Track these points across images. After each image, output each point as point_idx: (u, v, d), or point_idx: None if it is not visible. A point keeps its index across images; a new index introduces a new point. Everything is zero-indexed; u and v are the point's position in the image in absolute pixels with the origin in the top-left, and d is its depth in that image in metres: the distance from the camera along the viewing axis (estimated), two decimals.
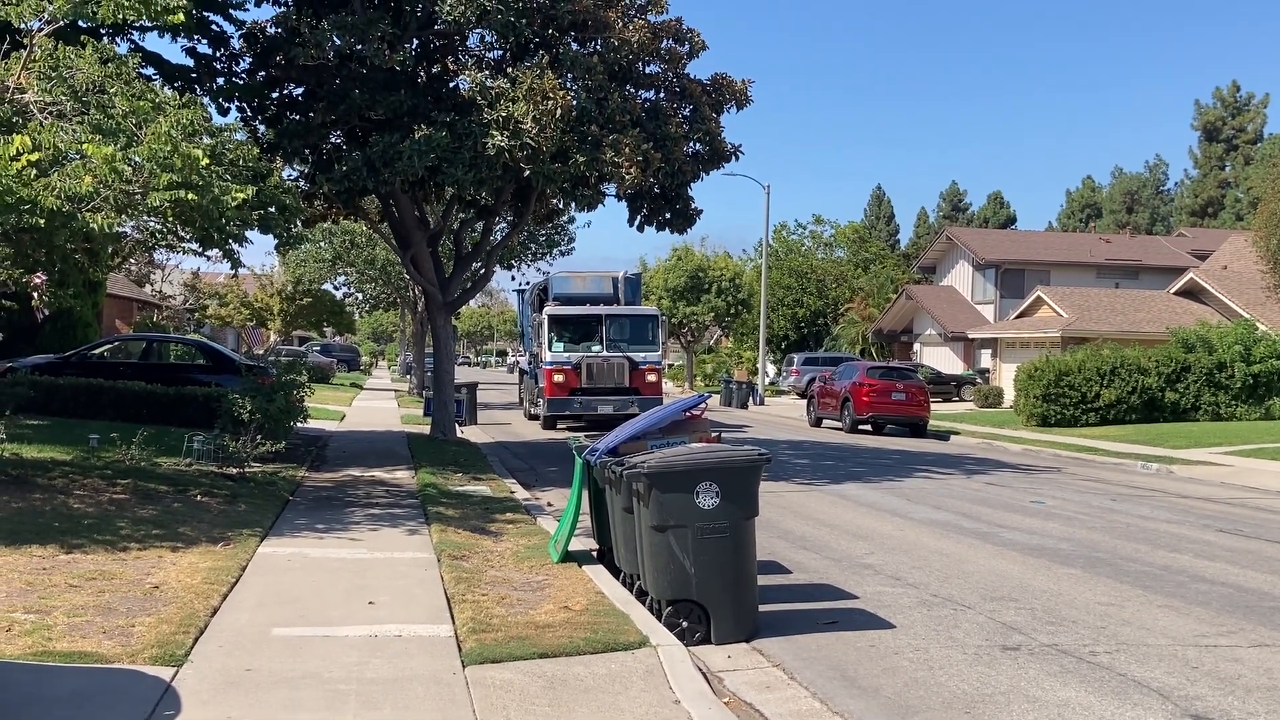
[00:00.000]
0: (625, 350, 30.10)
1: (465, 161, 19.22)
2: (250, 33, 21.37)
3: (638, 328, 30.96)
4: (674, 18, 21.96)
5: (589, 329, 30.55)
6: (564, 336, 30.23)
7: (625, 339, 30.48)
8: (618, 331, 30.59)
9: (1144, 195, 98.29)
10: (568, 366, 29.65)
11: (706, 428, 10.95)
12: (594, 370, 29.72)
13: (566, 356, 29.73)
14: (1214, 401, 35.64)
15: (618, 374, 29.85)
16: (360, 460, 19.98)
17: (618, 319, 30.92)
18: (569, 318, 30.60)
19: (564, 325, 30.43)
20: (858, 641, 8.82)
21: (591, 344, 30.16)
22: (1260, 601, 10.47)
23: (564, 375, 29.62)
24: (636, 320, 31.32)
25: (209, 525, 11.98)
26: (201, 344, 28.35)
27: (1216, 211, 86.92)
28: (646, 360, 30.18)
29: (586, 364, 29.65)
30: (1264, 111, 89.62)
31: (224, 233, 13.76)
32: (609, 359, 29.86)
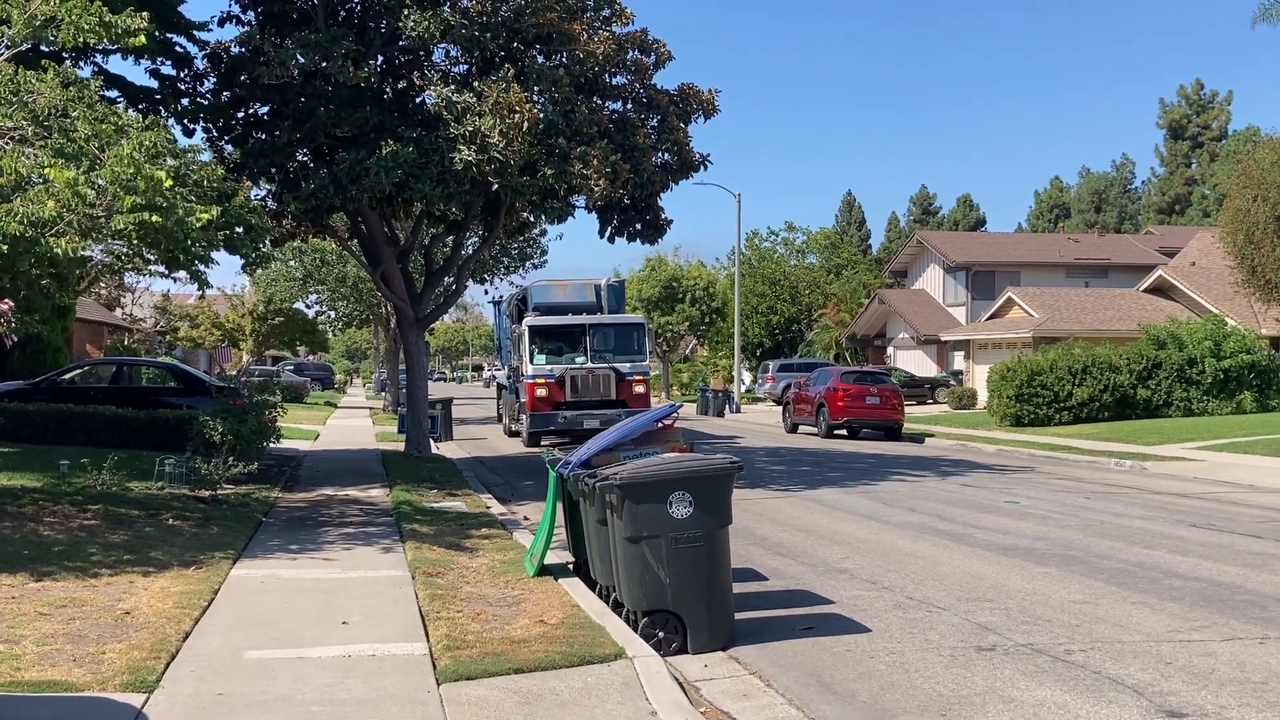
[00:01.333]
0: (611, 361, 28.76)
1: (433, 177, 19.20)
2: (214, 53, 21.31)
3: (623, 337, 29.54)
4: (639, 29, 22.06)
5: (572, 339, 29.12)
6: (546, 348, 28.82)
7: (610, 349, 29.08)
8: (602, 341, 29.18)
9: (1112, 194, 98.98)
10: (550, 379, 28.20)
11: (679, 437, 10.93)
12: (578, 383, 28.29)
13: (549, 369, 28.34)
14: (1185, 397, 35.86)
15: (604, 386, 28.42)
16: (334, 479, 19.88)
17: (602, 328, 29.43)
18: (550, 328, 29.11)
19: (546, 336, 28.98)
20: (834, 646, 8.82)
21: (575, 355, 28.78)
22: (1233, 595, 10.52)
23: (547, 389, 28.20)
24: (622, 329, 29.90)
25: (181, 549, 11.89)
26: (172, 366, 28.18)
27: (1184, 209, 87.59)
28: (633, 371, 28.91)
29: (570, 376, 28.21)
30: (1228, 109, 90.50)
31: (190, 254, 13.67)
32: (594, 371, 28.46)
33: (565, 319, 29.43)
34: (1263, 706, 7.17)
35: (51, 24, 12.45)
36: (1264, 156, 38.06)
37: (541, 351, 28.74)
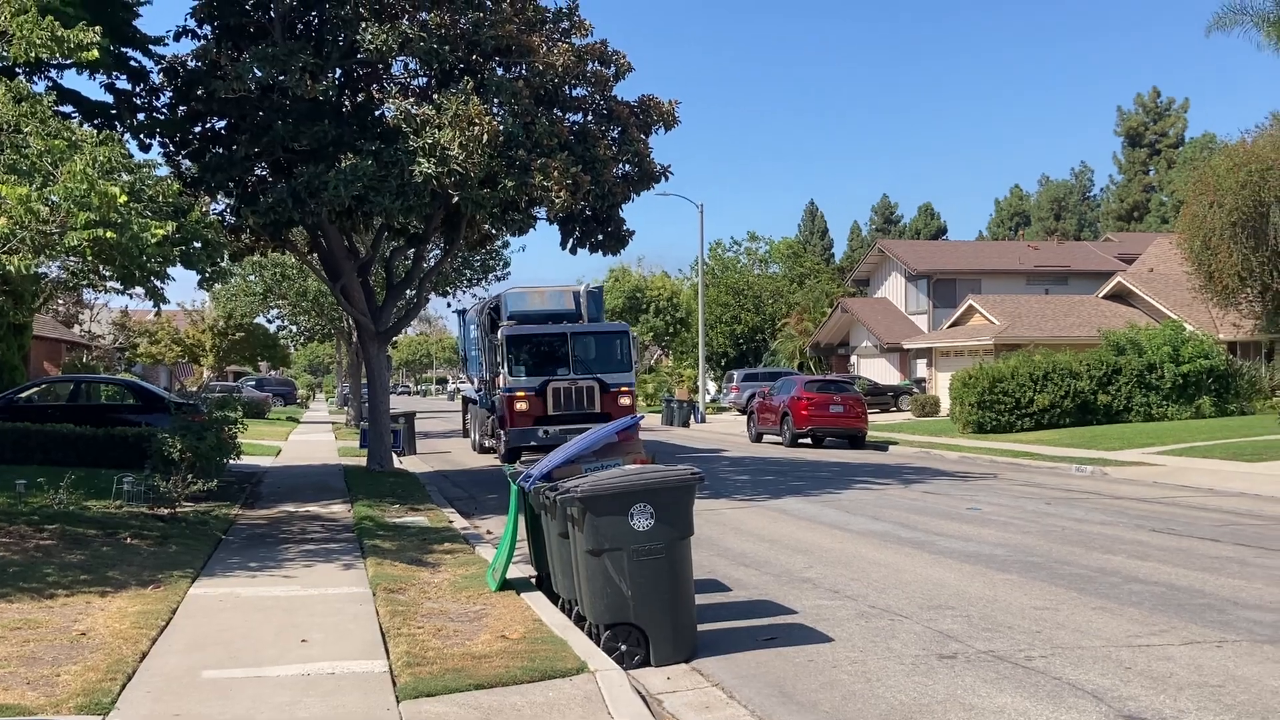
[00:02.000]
0: (594, 372, 27.09)
1: (392, 190, 19.14)
2: (170, 67, 21.19)
3: (607, 346, 27.90)
4: (598, 40, 22.10)
5: (553, 350, 27.38)
6: (524, 359, 27.11)
7: (593, 359, 27.43)
8: (585, 351, 27.52)
9: (1071, 202, 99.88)
10: (530, 392, 26.51)
11: (640, 449, 10.91)
12: (561, 395, 26.62)
13: (529, 381, 26.69)
14: (1145, 402, 36.20)
15: (587, 399, 26.71)
16: (295, 495, 19.74)
17: (584, 337, 27.78)
18: (530, 337, 27.38)
19: (524, 346, 27.25)
20: (796, 657, 8.82)
21: (557, 366, 27.10)
22: (1191, 599, 10.60)
23: (527, 402, 26.45)
24: (605, 338, 28.27)
25: (139, 568, 11.77)
26: (131, 383, 27.95)
27: (1142, 215, 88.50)
28: (618, 382, 27.14)
29: (552, 389, 26.56)
30: (1184, 116, 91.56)
31: (145, 270, 13.56)
32: (576, 382, 26.77)
33: (545, 328, 27.81)
34: (1220, 710, 7.22)
35: (2, 38, 12.33)
36: (1220, 163, 38.49)
37: (520, 363, 27.14)
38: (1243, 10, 44.68)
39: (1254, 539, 14.35)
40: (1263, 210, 35.99)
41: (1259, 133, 39.69)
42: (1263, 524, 15.80)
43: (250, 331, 55.08)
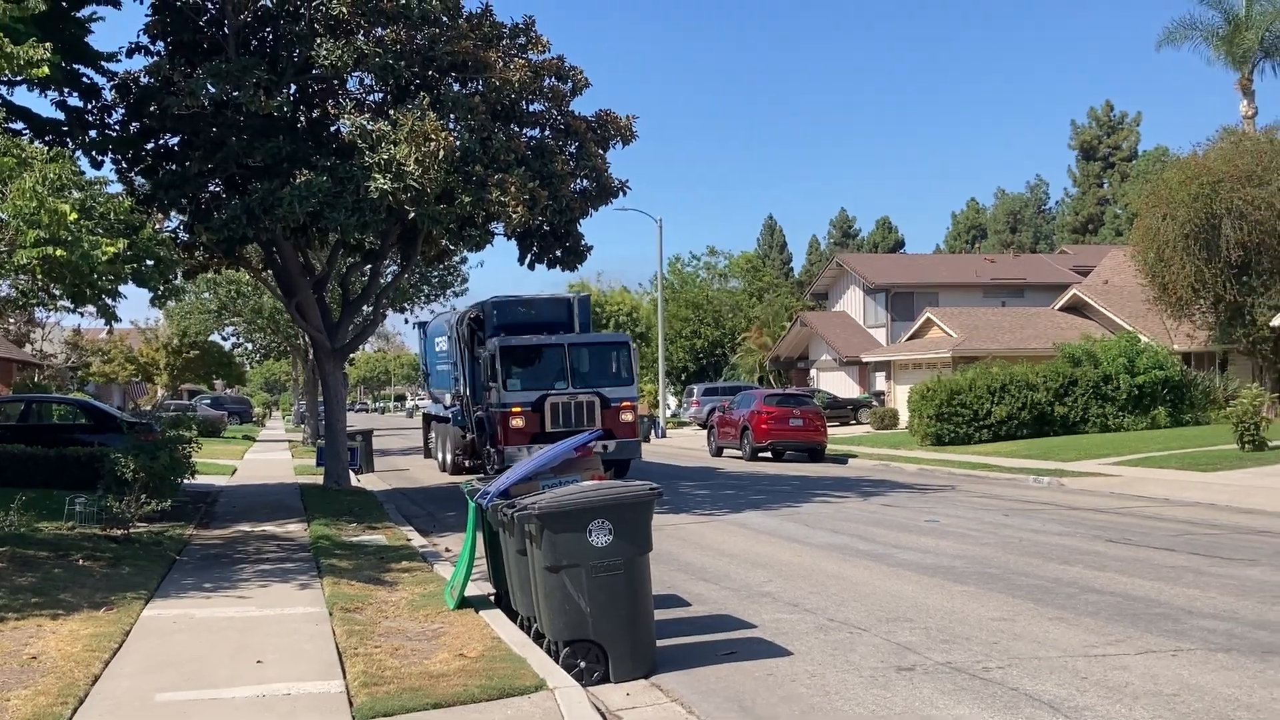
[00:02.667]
0: (594, 385, 25.51)
1: (348, 206, 19.07)
2: (123, 83, 21.04)
3: (607, 358, 26.39)
4: (555, 56, 22.12)
5: (549, 362, 25.68)
6: (519, 372, 25.40)
7: (593, 372, 25.87)
8: (583, 363, 25.96)
9: (1026, 215, 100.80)
10: (527, 408, 24.78)
11: (598, 464, 10.93)
12: (559, 411, 24.91)
13: (525, 396, 24.95)
14: (1102, 413, 36.53)
15: (588, 414, 25.03)
16: (251, 515, 19.57)
17: (583, 348, 26.24)
18: (527, 349, 25.68)
19: (521, 359, 25.58)
20: (755, 671, 8.84)
21: (554, 380, 25.39)
22: (1147, 609, 10.71)
23: (523, 418, 24.67)
24: (605, 349, 26.81)
25: (91, 590, 11.63)
26: (83, 403, 27.66)
27: (1097, 228, 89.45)
28: (621, 397, 25.70)
29: (550, 404, 24.87)
30: (1137, 130, 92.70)
31: (96, 288, 13.47)
32: (576, 397, 25.11)
33: (541, 339, 26.10)
34: (1175, 718, 7.30)
35: None
36: (1172, 176, 39.05)
37: (514, 376, 25.36)
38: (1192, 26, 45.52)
39: (1209, 548, 14.50)
40: (1214, 222, 36.54)
41: (1210, 146, 40.31)
42: (1217, 533, 15.98)
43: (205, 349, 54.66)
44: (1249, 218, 36.05)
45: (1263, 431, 26.12)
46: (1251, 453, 25.49)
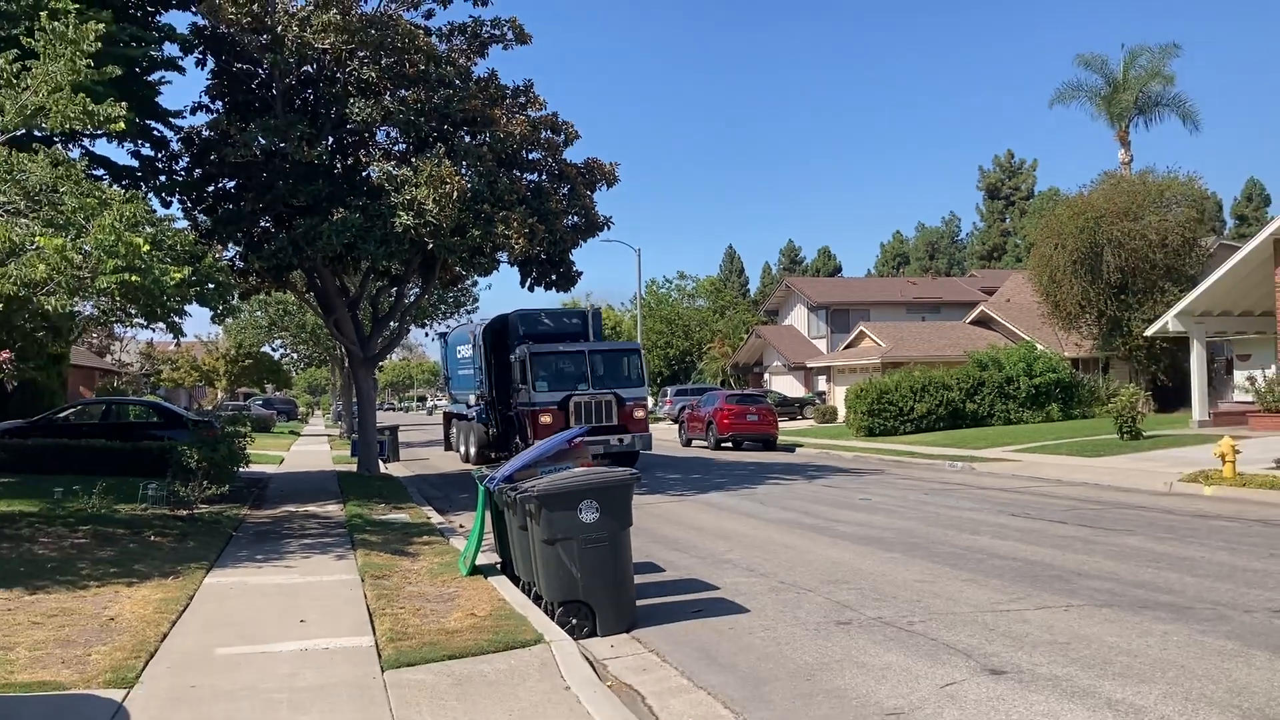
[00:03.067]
0: (611, 387, 24.86)
1: (377, 238, 19.01)
2: (187, 136, 20.92)
3: (621, 363, 25.69)
4: (550, 113, 22.07)
5: (571, 366, 25.06)
6: (546, 376, 24.67)
7: (609, 375, 25.20)
8: (601, 368, 25.27)
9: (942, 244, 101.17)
10: (553, 407, 24.16)
11: (587, 454, 10.87)
12: (582, 409, 24.28)
13: (552, 396, 24.31)
14: (1005, 409, 36.66)
15: (606, 412, 24.51)
16: (296, 497, 19.44)
17: (602, 354, 25.51)
18: (553, 355, 25.00)
19: (548, 364, 24.82)
20: (719, 625, 8.81)
21: (577, 382, 24.75)
22: (1043, 571, 10.72)
23: (550, 416, 24.01)
24: (620, 356, 26.00)
25: (161, 561, 11.52)
26: (155, 404, 27.44)
27: (1000, 255, 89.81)
28: (634, 397, 25.11)
29: (574, 403, 24.23)
30: (1034, 174, 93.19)
31: (165, 308, 13.29)
32: (597, 397, 24.49)
33: (566, 346, 25.46)
34: (1066, 663, 7.31)
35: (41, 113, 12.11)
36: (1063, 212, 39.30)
37: (542, 379, 24.62)
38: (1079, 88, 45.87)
39: (1094, 520, 14.55)
40: (1097, 250, 36.80)
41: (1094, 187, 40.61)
42: (1101, 508, 16.03)
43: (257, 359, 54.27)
44: (1126, 246, 36.33)
45: (1138, 424, 26.23)
46: (1129, 441, 25.60)
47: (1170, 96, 44.31)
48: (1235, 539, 12.53)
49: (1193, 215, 37.98)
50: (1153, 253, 36.47)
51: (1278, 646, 7.51)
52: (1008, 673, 7.10)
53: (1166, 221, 36.86)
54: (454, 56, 21.13)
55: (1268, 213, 74.90)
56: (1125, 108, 44.30)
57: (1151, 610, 8.79)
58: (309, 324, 46.47)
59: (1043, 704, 6.41)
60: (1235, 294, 29.98)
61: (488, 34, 21.79)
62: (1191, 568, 10.68)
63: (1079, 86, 45.50)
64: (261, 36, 19.38)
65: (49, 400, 28.62)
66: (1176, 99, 44.36)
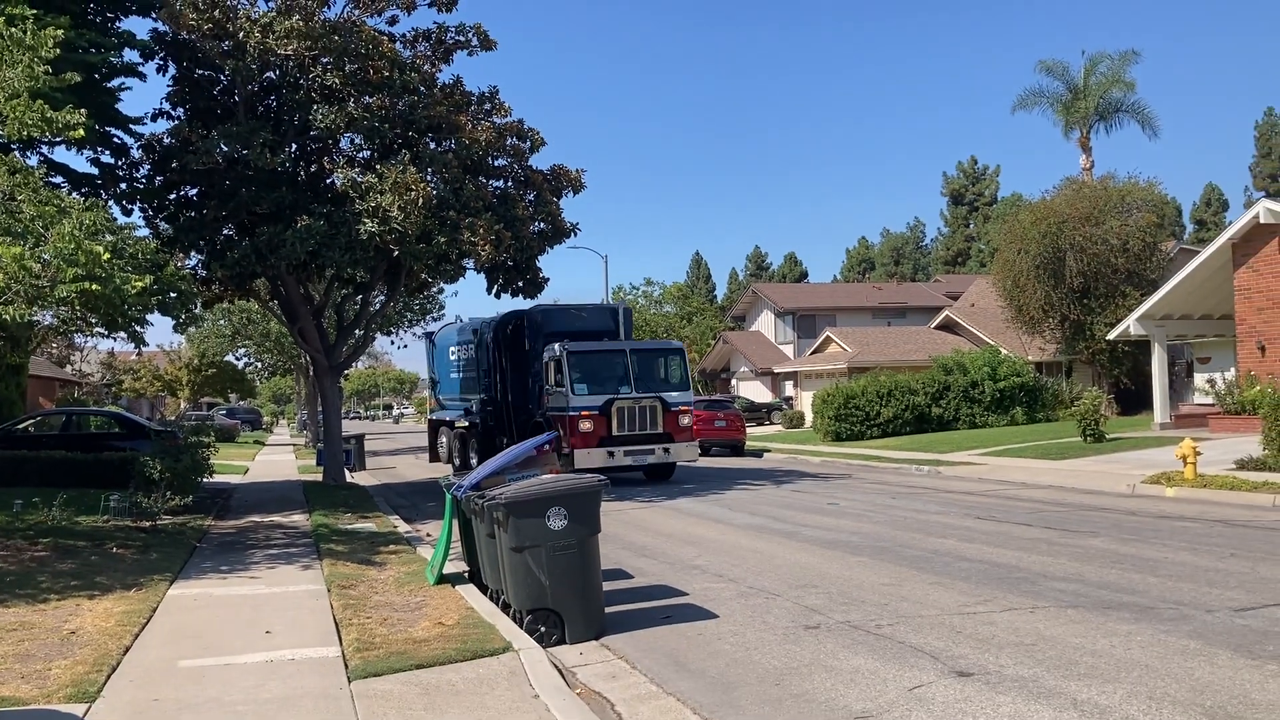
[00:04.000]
0: (654, 390, 22.70)
1: (342, 246, 18.90)
2: (148, 143, 20.71)
3: (665, 364, 23.50)
4: (516, 119, 22.07)
5: (611, 368, 22.83)
6: (583, 377, 22.40)
7: (651, 377, 22.95)
8: (644, 369, 22.95)
9: (907, 250, 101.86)
10: (594, 412, 21.99)
11: (555, 461, 10.86)
12: (625, 415, 22.20)
13: (592, 400, 22.12)
14: (970, 413, 36.94)
15: (650, 419, 22.44)
16: (261, 507, 19.26)
17: (643, 354, 23.30)
18: (591, 354, 22.78)
19: (587, 364, 22.58)
20: (688, 632, 8.81)
21: (618, 385, 22.58)
22: (1009, 574, 10.80)
23: (591, 422, 21.86)
24: (663, 356, 23.73)
25: (123, 573, 11.38)
26: (116, 414, 27.11)
27: (964, 260, 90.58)
28: (680, 402, 23.01)
29: (617, 408, 22.11)
30: (997, 180, 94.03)
31: (127, 317, 13.17)
32: (640, 401, 22.35)
33: (606, 345, 23.36)
34: (1033, 664, 7.36)
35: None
36: (1025, 218, 39.68)
37: (581, 381, 22.34)
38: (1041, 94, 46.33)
39: (1059, 523, 14.68)
40: (1060, 255, 37.19)
41: (1056, 192, 41.00)
42: (1066, 510, 16.19)
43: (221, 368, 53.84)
44: (1088, 251, 36.75)
45: (1101, 427, 26.52)
46: (1092, 444, 25.88)
47: (1130, 103, 44.87)
48: (1197, 540, 12.69)
49: (1153, 220, 38.48)
50: (1114, 257, 36.90)
51: (1239, 645, 7.62)
52: (975, 674, 7.15)
53: (1127, 226, 37.32)
54: (418, 63, 21.07)
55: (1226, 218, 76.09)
56: (1086, 114, 44.82)
57: (1116, 611, 8.88)
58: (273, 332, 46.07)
59: (1009, 705, 6.46)
60: (1195, 298, 30.42)
61: (452, 40, 21.75)
62: (1154, 568, 10.80)
63: (1041, 93, 46.00)
64: (223, 43, 19.24)
65: (8, 411, 28.18)
66: (1136, 105, 44.93)
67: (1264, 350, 27.28)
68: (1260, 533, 13.14)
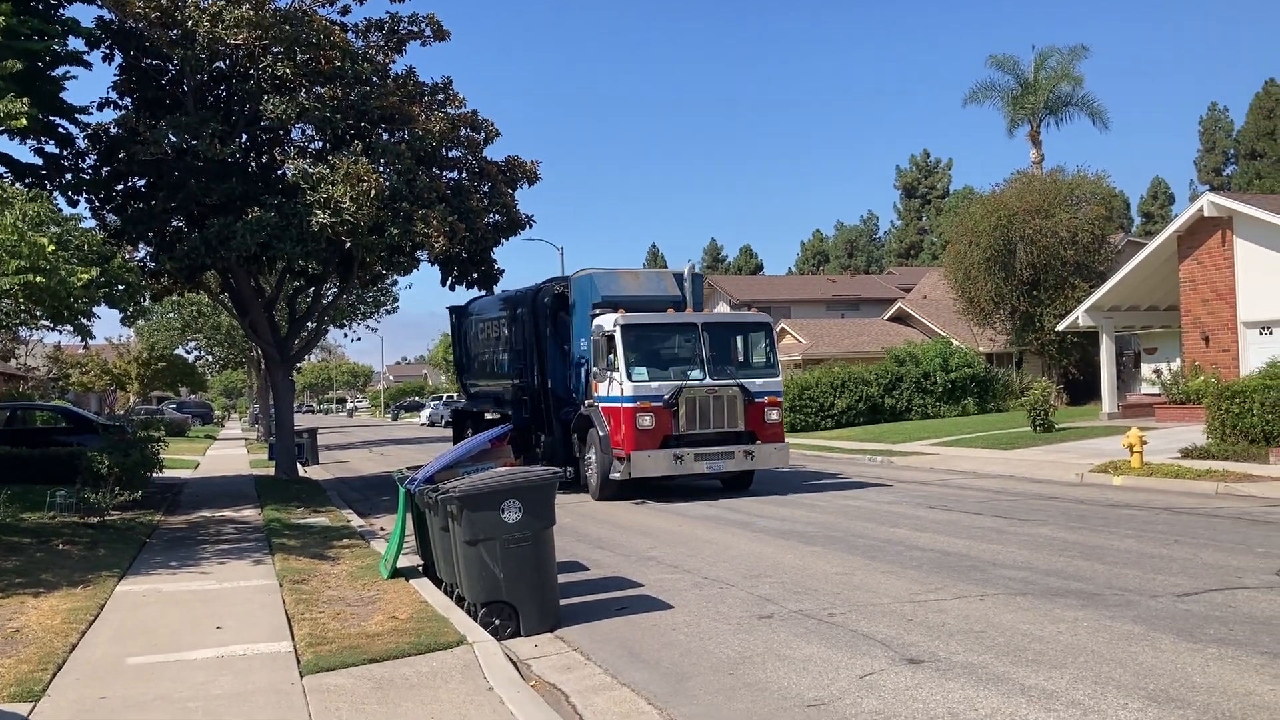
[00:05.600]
0: (734, 376, 18.08)
1: (293, 238, 18.67)
2: (94, 133, 20.32)
3: (746, 343, 19.03)
4: (470, 110, 21.91)
5: (679, 347, 18.38)
6: (642, 359, 17.78)
7: (730, 359, 18.57)
8: (721, 348, 18.46)
9: (861, 243, 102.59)
10: (657, 403, 17.40)
11: (509, 454, 10.84)
12: (697, 408, 17.58)
13: (655, 388, 17.52)
14: (922, 404, 37.28)
15: (729, 411, 17.75)
16: (212, 502, 19.02)
17: (720, 330, 18.74)
18: (653, 329, 18.22)
19: (645, 342, 17.96)
20: (642, 623, 8.83)
21: (687, 369, 17.90)
22: (960, 562, 10.93)
23: (652, 416, 17.36)
24: (743, 332, 19.17)
25: (70, 570, 11.20)
26: (62, 409, 26.67)
27: (917, 253, 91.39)
28: (766, 390, 18.18)
29: (687, 399, 17.50)
30: (949, 173, 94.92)
31: (73, 310, 12.98)
32: (716, 390, 17.69)
33: (670, 317, 18.74)
34: (982, 650, 7.46)
35: None
36: (977, 210, 40.09)
37: (639, 364, 17.73)
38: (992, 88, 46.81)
39: (1008, 512, 14.88)
40: (1010, 248, 37.62)
41: (1007, 185, 41.48)
42: (1015, 499, 16.40)
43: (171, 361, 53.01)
44: (1038, 244, 37.21)
45: (1050, 416, 26.88)
46: (1042, 434, 26.22)
47: (1079, 97, 45.47)
48: (1142, 527, 12.92)
49: (1101, 213, 39.04)
50: (1063, 249, 37.39)
51: (1181, 630, 7.77)
52: (925, 662, 7.23)
53: (1076, 219, 37.82)
54: (371, 53, 20.86)
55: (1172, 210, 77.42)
56: (1036, 108, 45.35)
57: (1063, 598, 9.02)
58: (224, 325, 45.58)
59: (959, 691, 6.54)
60: (1142, 289, 30.93)
61: (405, 30, 21.56)
62: (1101, 556, 10.98)
63: (992, 86, 46.49)
64: (171, 32, 18.92)
65: None
66: (1085, 99, 45.54)
67: (1208, 341, 27.80)
68: (1203, 520, 13.41)
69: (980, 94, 46.91)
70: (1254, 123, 69.30)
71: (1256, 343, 26.70)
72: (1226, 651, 7.14)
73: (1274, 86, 68.24)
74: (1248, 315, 26.87)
